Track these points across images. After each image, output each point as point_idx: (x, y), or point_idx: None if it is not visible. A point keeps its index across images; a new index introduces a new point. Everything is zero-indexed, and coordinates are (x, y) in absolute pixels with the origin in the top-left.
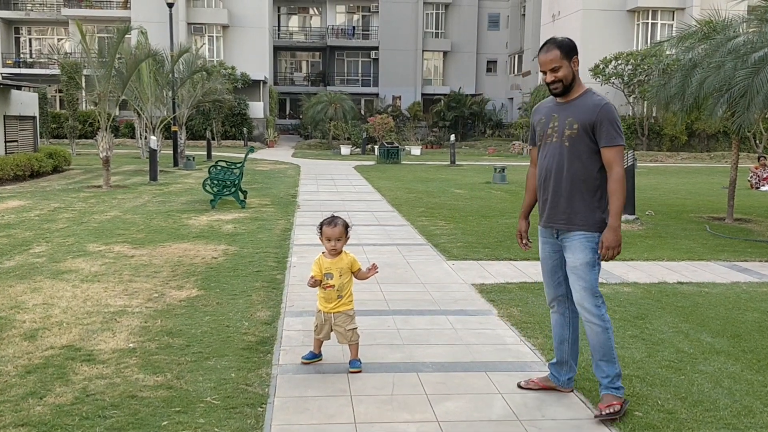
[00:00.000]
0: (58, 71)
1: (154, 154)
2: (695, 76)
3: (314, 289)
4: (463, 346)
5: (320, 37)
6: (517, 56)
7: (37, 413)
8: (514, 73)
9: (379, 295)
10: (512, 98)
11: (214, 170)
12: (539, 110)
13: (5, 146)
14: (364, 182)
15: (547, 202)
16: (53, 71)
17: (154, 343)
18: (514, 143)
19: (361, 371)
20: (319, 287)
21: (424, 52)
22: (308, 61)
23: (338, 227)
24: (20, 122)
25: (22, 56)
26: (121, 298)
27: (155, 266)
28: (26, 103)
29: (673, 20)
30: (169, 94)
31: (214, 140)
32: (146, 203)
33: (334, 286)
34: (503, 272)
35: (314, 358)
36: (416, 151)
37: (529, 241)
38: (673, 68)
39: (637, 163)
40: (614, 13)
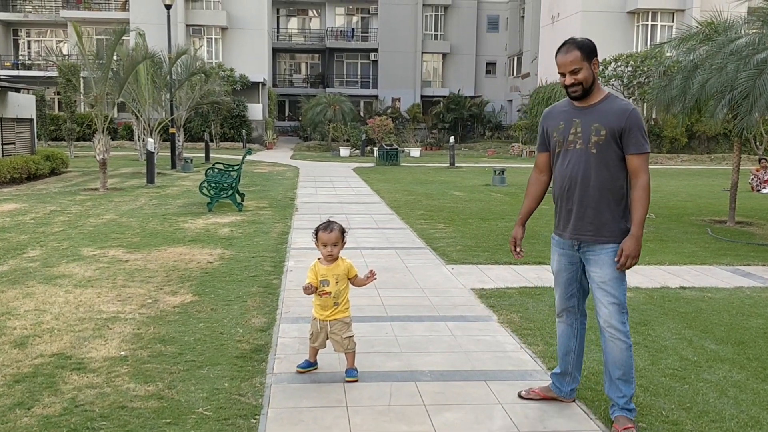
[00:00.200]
0: (56, 73)
1: (151, 156)
2: (697, 77)
3: (310, 295)
4: (462, 353)
5: (319, 38)
6: (516, 58)
7: (23, 425)
8: (513, 75)
9: (377, 300)
10: (511, 100)
11: (211, 173)
12: (554, 114)
13: (2, 149)
14: (362, 184)
15: (571, 212)
16: (51, 73)
17: (146, 351)
18: (513, 145)
19: (357, 380)
20: (314, 294)
21: (423, 53)
22: (307, 62)
23: (334, 232)
24: (17, 124)
25: (20, 58)
26: (114, 304)
27: (150, 271)
28: (23, 105)
29: (672, 22)
30: (167, 96)
31: (212, 142)
32: (143, 206)
33: (330, 293)
34: (503, 277)
35: (310, 366)
36: (415, 152)
37: (522, 249)
38: (673, 70)
39: None
40: (614, 14)
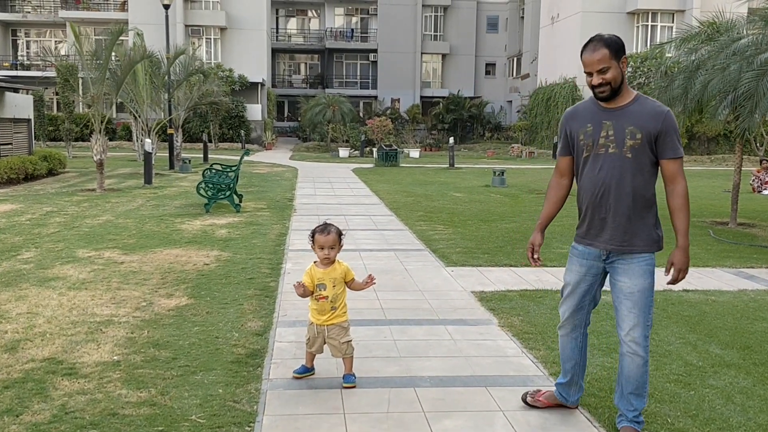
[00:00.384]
0: (54, 74)
1: (148, 156)
2: (699, 77)
3: (307, 298)
4: (462, 358)
5: (319, 39)
6: (515, 59)
7: None
8: (512, 75)
9: (375, 303)
10: (511, 101)
11: (208, 173)
12: (579, 115)
13: None
14: (362, 185)
15: (605, 221)
16: (50, 74)
17: (139, 355)
18: (513, 146)
19: (355, 386)
20: (311, 298)
21: (422, 54)
22: (307, 63)
23: (331, 235)
24: (14, 125)
25: (19, 58)
26: (108, 306)
27: (145, 273)
28: (21, 105)
29: (672, 22)
30: (165, 96)
31: (211, 143)
32: (139, 207)
33: (327, 297)
34: (503, 279)
35: (306, 372)
36: (415, 153)
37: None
38: (673, 70)
39: None
40: (614, 15)
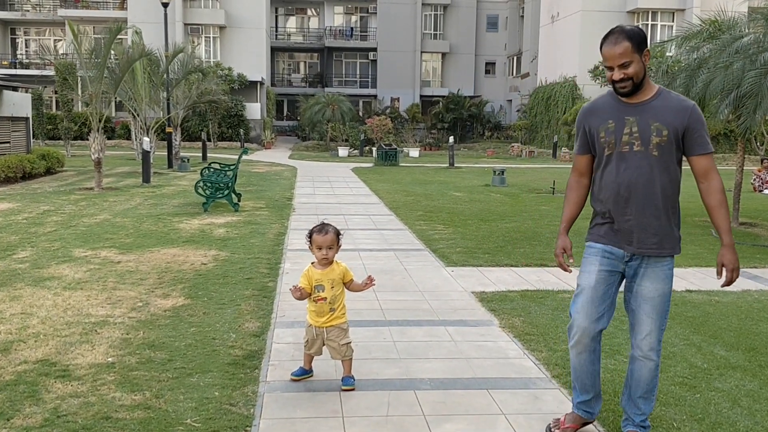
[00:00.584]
0: (53, 72)
1: (146, 155)
2: (701, 76)
3: (302, 300)
4: (463, 360)
5: (318, 38)
6: (515, 58)
7: None
8: (512, 74)
9: (375, 304)
10: (511, 100)
11: (206, 172)
12: (599, 111)
13: None
14: (361, 184)
15: (631, 222)
16: (49, 72)
17: (134, 357)
18: (513, 145)
19: (354, 389)
20: (309, 300)
21: (422, 53)
22: (306, 62)
23: (329, 235)
24: (12, 123)
25: (18, 57)
26: (103, 307)
27: (142, 273)
28: (19, 103)
29: (673, 21)
30: (163, 94)
31: (210, 142)
32: (137, 206)
33: (325, 298)
34: (504, 279)
35: (304, 374)
36: (414, 153)
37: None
38: (674, 69)
39: None
40: (614, 14)
